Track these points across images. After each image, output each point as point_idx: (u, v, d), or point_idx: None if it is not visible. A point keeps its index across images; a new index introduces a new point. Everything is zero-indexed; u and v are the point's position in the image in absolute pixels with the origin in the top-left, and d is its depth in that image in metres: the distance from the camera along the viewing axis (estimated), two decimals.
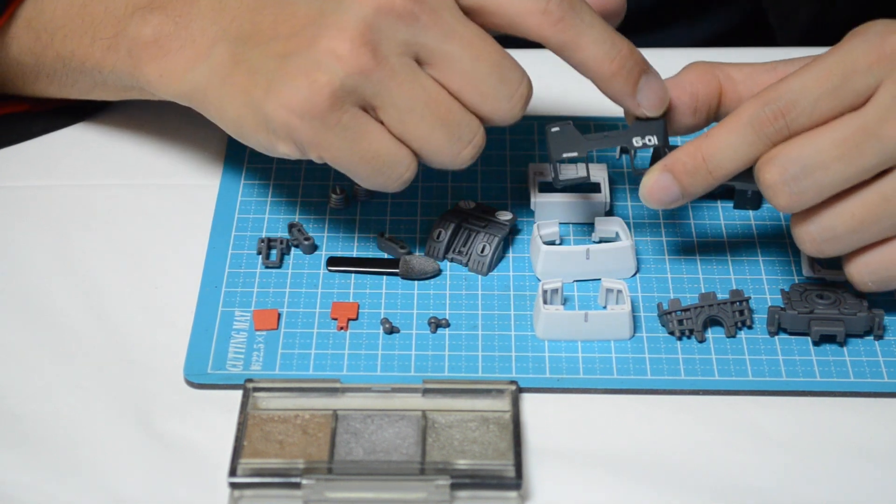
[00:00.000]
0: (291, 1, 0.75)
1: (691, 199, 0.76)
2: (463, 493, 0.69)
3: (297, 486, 0.68)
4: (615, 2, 0.78)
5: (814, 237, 0.74)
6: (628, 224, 0.83)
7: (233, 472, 0.69)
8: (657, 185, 0.75)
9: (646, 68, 0.76)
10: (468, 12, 0.75)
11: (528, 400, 0.74)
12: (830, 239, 0.74)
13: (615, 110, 0.90)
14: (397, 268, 0.80)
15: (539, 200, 0.84)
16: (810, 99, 0.72)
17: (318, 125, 0.73)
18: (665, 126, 0.77)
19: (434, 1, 0.73)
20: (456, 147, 0.74)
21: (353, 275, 0.80)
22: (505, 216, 0.82)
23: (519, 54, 0.96)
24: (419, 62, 0.74)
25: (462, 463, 0.69)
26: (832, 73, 0.72)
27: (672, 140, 0.83)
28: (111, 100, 0.87)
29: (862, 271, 0.75)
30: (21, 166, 0.88)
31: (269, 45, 0.74)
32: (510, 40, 0.79)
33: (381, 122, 0.74)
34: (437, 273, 0.80)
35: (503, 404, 0.72)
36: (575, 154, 0.78)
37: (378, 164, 0.74)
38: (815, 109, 0.72)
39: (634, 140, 0.78)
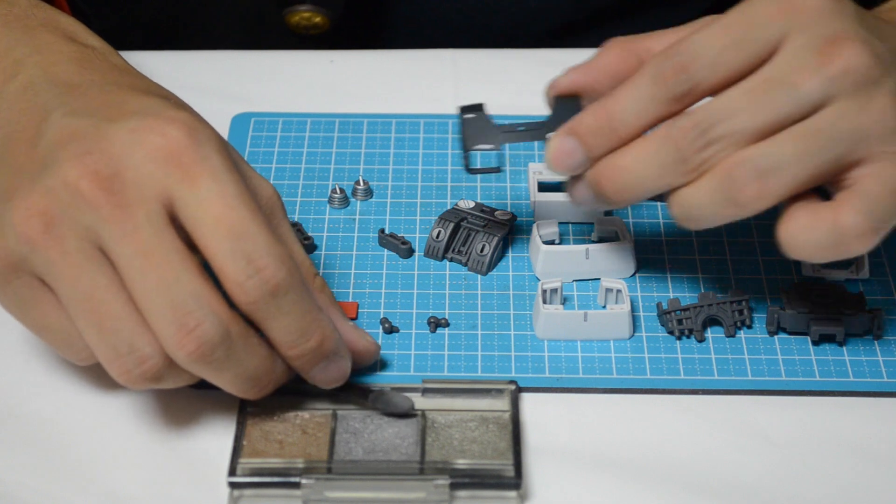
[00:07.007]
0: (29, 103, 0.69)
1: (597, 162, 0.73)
2: (462, 493, 0.69)
3: (296, 485, 0.68)
4: (366, 348, 0.73)
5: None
6: (628, 224, 0.83)
7: (232, 472, 0.69)
8: (561, 150, 0.73)
9: (330, 355, 0.70)
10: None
11: (527, 400, 0.74)
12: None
13: None
14: (367, 399, 0.72)
15: (538, 200, 0.84)
16: (713, 52, 0.71)
17: None
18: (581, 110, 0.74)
19: (133, 197, 0.66)
20: (115, 362, 0.67)
21: (352, 274, 0.81)
22: (504, 216, 0.82)
23: (517, 53, 0.96)
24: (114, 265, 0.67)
25: (461, 462, 0.69)
26: (733, 26, 0.71)
27: None
28: None
29: None
30: None
31: None
32: (510, 40, 0.79)
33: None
34: (411, 411, 0.72)
35: (502, 404, 0.72)
36: (490, 147, 0.77)
37: (49, 337, 0.70)
38: (717, 62, 0.70)
39: (549, 136, 0.75)
